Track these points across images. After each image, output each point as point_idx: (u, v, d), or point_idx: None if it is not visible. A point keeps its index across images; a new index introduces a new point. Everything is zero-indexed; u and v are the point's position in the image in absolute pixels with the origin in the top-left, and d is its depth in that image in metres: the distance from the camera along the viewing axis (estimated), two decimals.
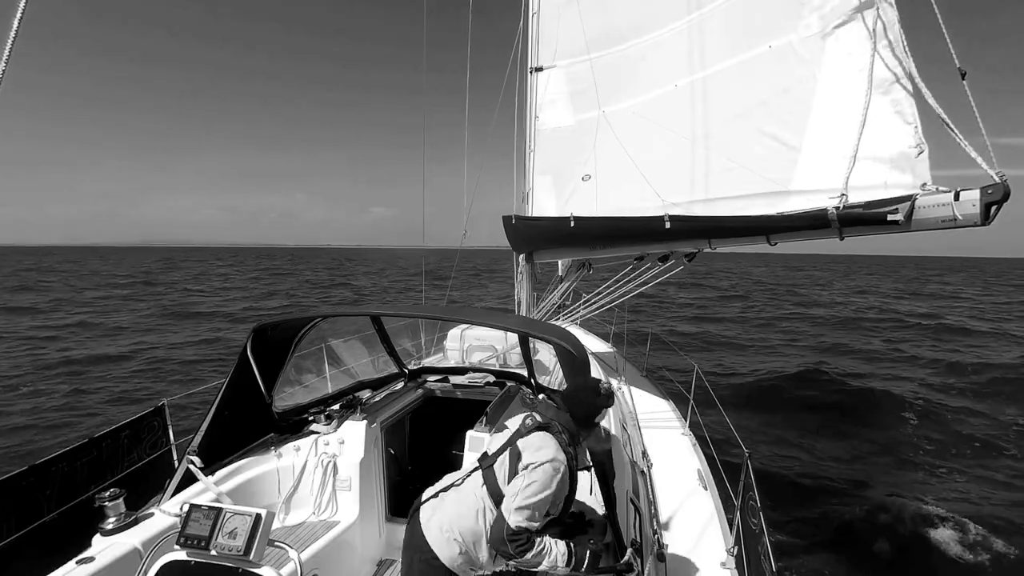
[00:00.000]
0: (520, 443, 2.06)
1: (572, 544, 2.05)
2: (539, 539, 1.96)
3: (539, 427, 2.08)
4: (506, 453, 2.08)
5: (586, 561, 2.02)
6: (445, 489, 2.16)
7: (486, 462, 2.13)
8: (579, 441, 2.17)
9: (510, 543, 1.90)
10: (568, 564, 1.98)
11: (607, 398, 2.18)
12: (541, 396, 2.28)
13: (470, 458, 3.07)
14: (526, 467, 1.97)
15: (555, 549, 1.98)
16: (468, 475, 2.15)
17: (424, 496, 2.18)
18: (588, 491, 2.73)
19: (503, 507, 1.96)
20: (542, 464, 1.95)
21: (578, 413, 2.15)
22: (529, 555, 1.92)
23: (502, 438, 2.19)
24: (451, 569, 2.03)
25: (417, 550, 2.06)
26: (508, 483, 2.01)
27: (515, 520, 1.91)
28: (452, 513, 2.06)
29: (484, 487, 2.07)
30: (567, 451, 2.03)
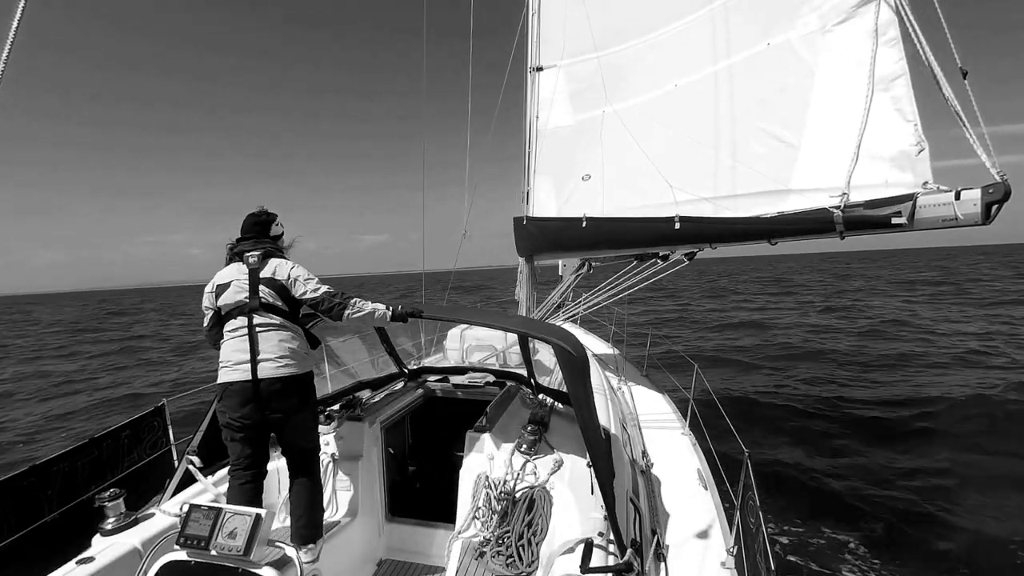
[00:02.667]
0: (264, 273, 2.59)
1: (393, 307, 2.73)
2: (351, 300, 2.61)
3: (264, 256, 2.63)
4: (262, 287, 2.56)
5: (400, 311, 2.72)
6: (257, 350, 2.51)
7: (251, 303, 2.54)
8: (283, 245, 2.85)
9: (334, 298, 2.58)
10: (389, 310, 2.69)
11: (253, 214, 2.75)
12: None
13: (471, 458, 3.07)
14: (293, 278, 2.59)
15: (369, 303, 2.66)
16: (251, 328, 2.52)
17: (241, 375, 2.47)
18: (590, 489, 2.73)
19: (314, 294, 2.59)
20: (297, 268, 2.64)
21: (276, 245, 2.77)
22: (349, 310, 2.58)
23: (235, 287, 2.56)
24: (308, 372, 2.71)
25: (285, 389, 2.52)
26: (284, 300, 2.59)
27: (323, 289, 2.61)
28: (279, 351, 2.52)
29: (272, 315, 2.55)
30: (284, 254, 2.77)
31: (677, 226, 3.97)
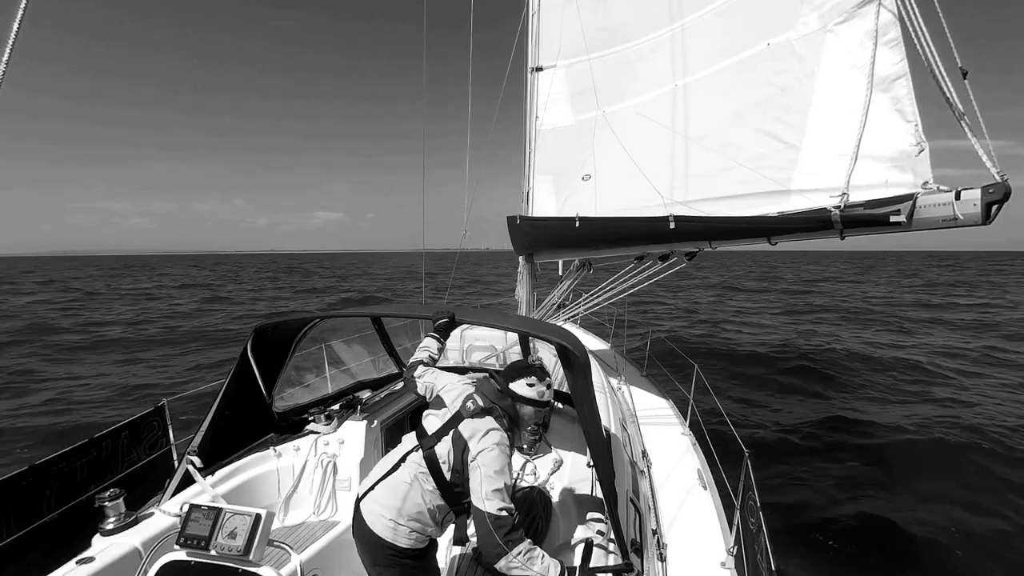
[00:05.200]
0: (462, 427, 2.07)
1: (564, 566, 1.97)
2: (532, 547, 1.91)
3: (482, 411, 2.09)
4: (448, 437, 2.08)
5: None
6: (383, 478, 2.13)
7: (426, 443, 2.11)
8: (519, 426, 2.20)
9: (496, 531, 1.85)
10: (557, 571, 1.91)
11: (534, 403, 2.19)
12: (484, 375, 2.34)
13: None
14: (476, 456, 1.97)
15: (548, 560, 1.92)
16: (403, 458, 2.13)
17: (361, 490, 2.16)
18: (590, 489, 2.73)
19: (475, 501, 1.93)
20: (492, 449, 1.98)
21: (510, 411, 2.18)
22: (521, 546, 1.86)
23: (439, 415, 2.18)
24: (409, 548, 2.04)
25: (373, 545, 2.05)
26: (451, 470, 2.03)
27: (492, 507, 1.88)
28: (393, 502, 2.04)
29: (426, 469, 2.06)
30: (507, 434, 2.10)
31: (672, 226, 3.97)
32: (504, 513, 1.89)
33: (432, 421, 2.19)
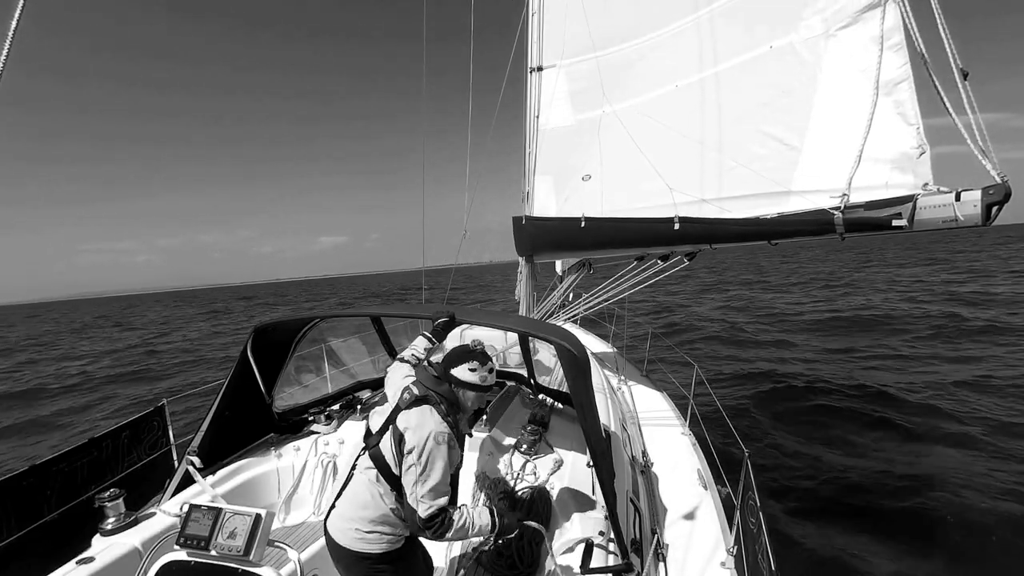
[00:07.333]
0: (399, 420, 2.03)
1: (495, 511, 2.10)
2: (456, 513, 1.99)
3: (416, 400, 2.05)
4: (388, 433, 2.04)
5: (503, 523, 2.10)
6: (341, 491, 2.11)
7: (371, 441, 2.09)
8: (459, 410, 2.17)
9: (427, 530, 1.92)
10: (493, 530, 2.07)
11: (476, 387, 2.17)
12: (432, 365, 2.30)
13: (470, 458, 3.07)
14: (410, 452, 1.94)
15: (478, 519, 2.04)
16: (354, 464, 2.12)
17: (326, 510, 2.13)
18: (590, 489, 2.74)
19: (408, 499, 1.93)
20: (425, 444, 1.93)
21: (449, 396, 2.14)
22: (450, 532, 1.95)
23: (383, 412, 2.15)
24: (383, 552, 2.01)
25: (348, 559, 2.02)
26: (396, 464, 1.99)
27: (423, 510, 1.90)
28: (354, 512, 2.02)
29: (374, 469, 2.03)
30: (447, 420, 2.03)
31: (676, 227, 3.98)
32: (434, 513, 1.92)
33: (376, 420, 2.16)
